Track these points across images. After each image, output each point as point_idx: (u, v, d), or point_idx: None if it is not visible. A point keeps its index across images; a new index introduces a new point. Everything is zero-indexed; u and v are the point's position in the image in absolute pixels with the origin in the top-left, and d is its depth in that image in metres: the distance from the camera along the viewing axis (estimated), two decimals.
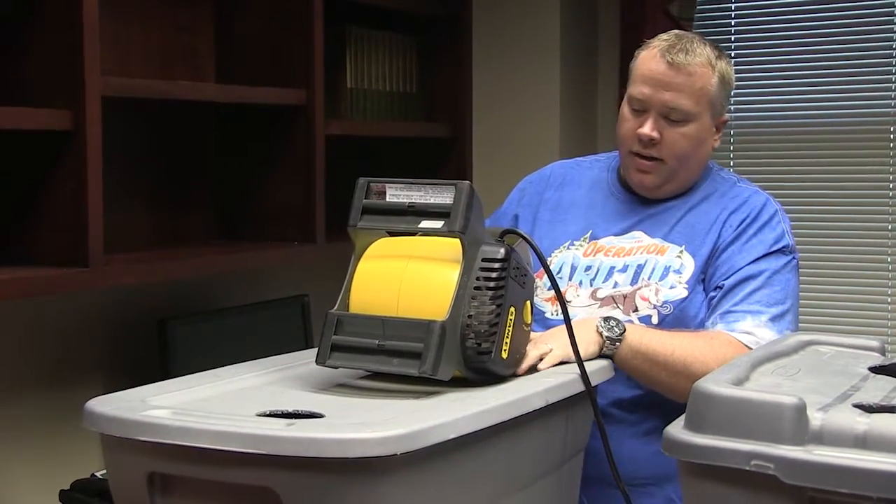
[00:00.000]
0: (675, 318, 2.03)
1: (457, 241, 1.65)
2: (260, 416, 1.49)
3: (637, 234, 2.14)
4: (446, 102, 3.35)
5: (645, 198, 2.16)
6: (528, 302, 1.73)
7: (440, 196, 1.66)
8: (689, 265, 2.07)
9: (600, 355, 1.87)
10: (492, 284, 1.64)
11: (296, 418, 1.48)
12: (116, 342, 2.62)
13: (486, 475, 1.58)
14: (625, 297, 2.07)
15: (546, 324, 2.07)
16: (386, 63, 3.18)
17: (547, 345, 1.80)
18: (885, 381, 1.47)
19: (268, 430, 1.39)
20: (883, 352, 1.68)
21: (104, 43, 2.33)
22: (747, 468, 1.23)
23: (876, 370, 1.54)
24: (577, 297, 2.09)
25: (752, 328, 1.98)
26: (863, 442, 1.23)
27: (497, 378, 1.68)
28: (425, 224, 1.66)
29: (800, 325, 3.35)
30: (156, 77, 2.67)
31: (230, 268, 2.76)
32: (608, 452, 1.77)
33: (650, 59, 2.10)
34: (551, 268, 2.09)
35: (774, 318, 2.01)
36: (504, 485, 1.63)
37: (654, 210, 2.15)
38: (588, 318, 1.93)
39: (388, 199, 1.69)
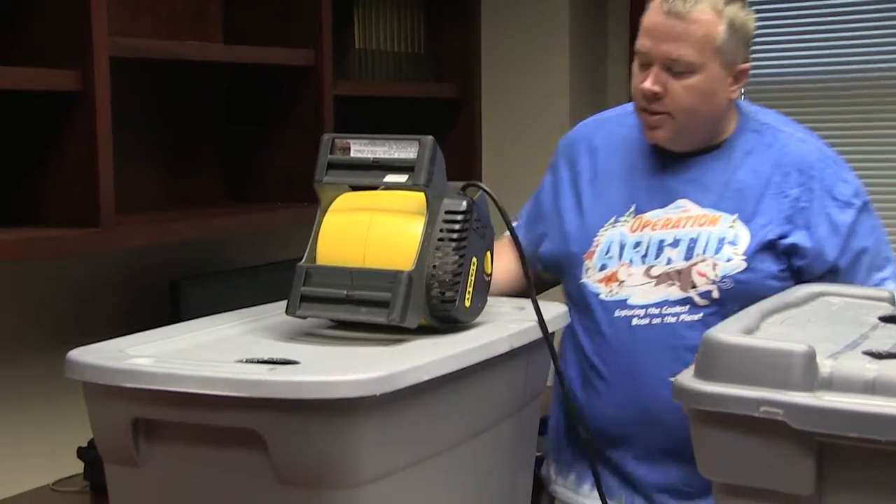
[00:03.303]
0: (737, 292, 1.99)
1: (420, 194, 1.69)
2: (238, 362, 1.53)
3: (683, 202, 2.08)
4: (455, 62, 3.35)
5: (680, 157, 2.10)
6: (489, 252, 1.78)
7: (404, 151, 1.69)
8: (743, 235, 2.02)
9: None
10: (455, 236, 1.68)
11: (272, 364, 1.52)
12: (129, 303, 2.65)
13: (455, 416, 1.63)
14: (679, 272, 2.03)
15: (605, 307, 2.07)
16: (394, 23, 3.18)
17: None
18: (894, 330, 1.47)
19: (252, 374, 1.44)
20: (893, 301, 1.67)
21: (112, 3, 2.34)
22: (756, 415, 1.24)
23: (886, 319, 1.54)
24: (630, 276, 2.06)
25: None
26: (872, 388, 1.24)
27: (460, 326, 1.73)
28: (390, 178, 1.69)
29: None
30: (164, 38, 2.67)
31: (240, 229, 2.77)
32: (566, 399, 1.86)
33: (652, 10, 2.04)
34: (600, 247, 2.10)
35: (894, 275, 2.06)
36: (470, 425, 1.68)
37: (694, 173, 2.08)
38: None
39: (352, 155, 1.73)
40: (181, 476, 1.52)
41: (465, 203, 1.71)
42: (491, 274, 1.81)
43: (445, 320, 1.71)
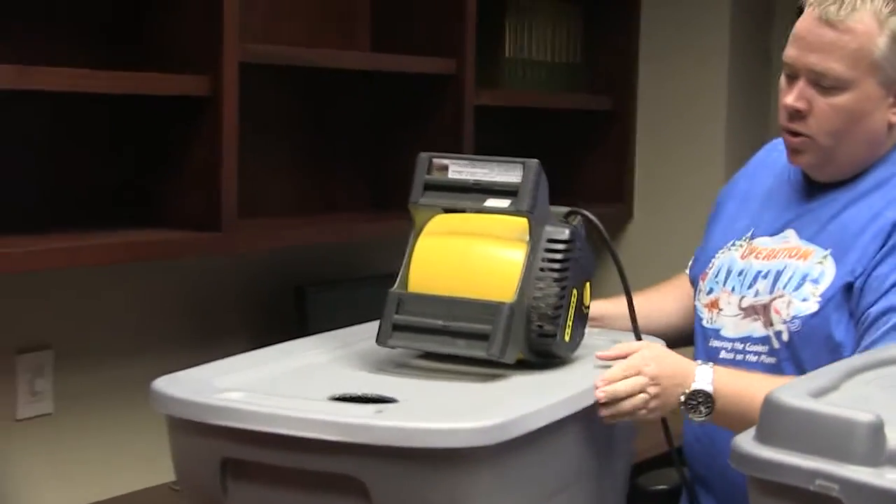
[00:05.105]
0: (806, 336, 1.76)
1: (517, 220, 1.62)
2: (332, 399, 1.47)
3: (788, 233, 1.86)
4: (610, 74, 3.26)
5: (820, 185, 1.86)
6: (588, 283, 1.70)
7: (506, 174, 1.62)
8: (829, 273, 1.77)
9: None
10: (557, 266, 1.61)
11: (368, 402, 1.46)
12: (255, 308, 2.64)
13: (563, 461, 1.56)
14: (764, 307, 1.82)
15: (704, 334, 1.92)
16: (548, 32, 3.11)
17: (651, 391, 1.63)
18: None
19: (355, 417, 1.38)
20: None
21: (254, 6, 2.35)
22: (811, 488, 1.13)
23: None
24: (729, 305, 1.88)
25: None
26: None
27: (558, 361, 1.66)
28: (491, 202, 1.63)
29: None
30: (311, 43, 2.67)
31: (370, 235, 2.75)
32: (666, 432, 1.73)
33: (805, 15, 1.80)
34: (712, 270, 1.95)
35: None
36: (577, 469, 1.61)
37: (814, 203, 1.85)
38: (686, 374, 1.67)
39: (450, 176, 1.67)
40: None
41: (568, 231, 1.63)
42: (589, 306, 1.72)
43: (544, 355, 1.64)
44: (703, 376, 1.66)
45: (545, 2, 3.10)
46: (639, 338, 1.75)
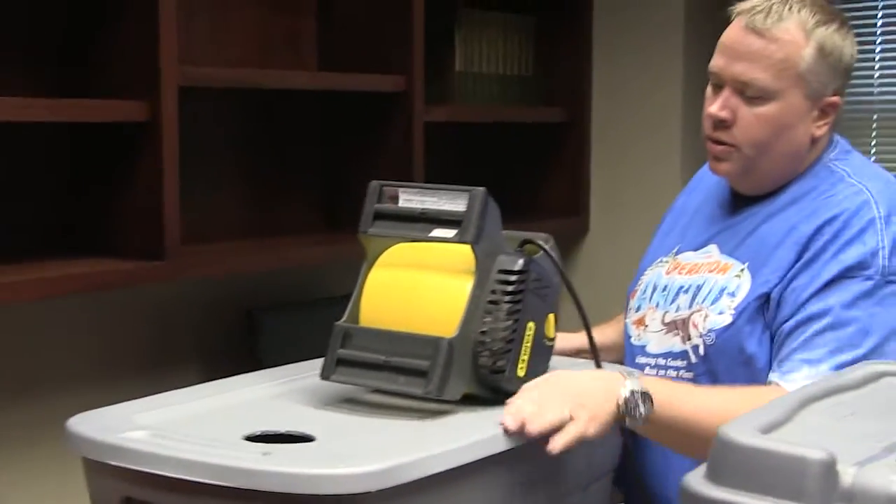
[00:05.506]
0: (719, 350, 1.75)
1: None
2: (246, 438, 1.43)
3: (711, 248, 1.86)
4: (563, 86, 3.21)
5: (742, 199, 1.86)
6: (552, 316, 1.62)
7: (453, 203, 1.56)
8: (745, 287, 1.75)
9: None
10: (507, 298, 1.54)
11: (283, 441, 1.41)
12: (207, 334, 2.59)
13: None
14: (684, 321, 1.81)
15: (632, 351, 1.91)
16: (499, 45, 3.06)
17: (568, 410, 1.51)
18: None
19: (241, 461, 1.33)
20: None
21: (200, 29, 2.31)
22: None
23: None
24: (653, 321, 1.87)
25: (806, 380, 1.60)
26: None
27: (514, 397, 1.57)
28: (437, 232, 1.57)
29: None
30: (253, 63, 2.61)
31: (321, 259, 2.69)
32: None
33: (732, 24, 1.80)
34: (640, 287, 1.95)
35: (843, 367, 1.61)
36: None
37: (737, 218, 1.85)
38: (612, 380, 1.58)
39: (401, 205, 1.61)
40: None
41: (521, 261, 1.56)
42: (554, 338, 1.65)
43: (496, 391, 1.57)
44: (634, 381, 1.57)
45: (495, 14, 3.05)
46: (596, 354, 1.69)
